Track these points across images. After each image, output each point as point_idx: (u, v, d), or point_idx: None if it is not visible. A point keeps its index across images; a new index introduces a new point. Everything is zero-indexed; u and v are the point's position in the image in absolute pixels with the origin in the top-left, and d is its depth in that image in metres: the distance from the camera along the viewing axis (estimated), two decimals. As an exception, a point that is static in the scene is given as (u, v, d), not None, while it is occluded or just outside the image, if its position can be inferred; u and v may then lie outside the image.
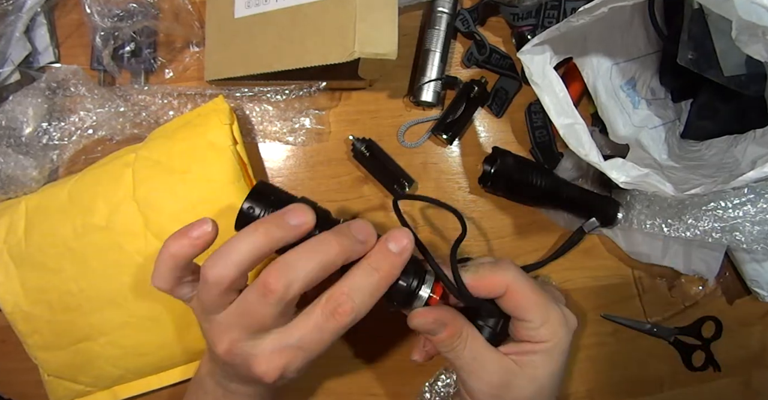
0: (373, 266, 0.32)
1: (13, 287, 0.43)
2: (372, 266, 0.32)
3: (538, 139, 0.53)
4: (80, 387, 0.46)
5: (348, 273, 0.32)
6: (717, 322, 0.54)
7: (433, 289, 0.35)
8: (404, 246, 0.33)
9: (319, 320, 0.31)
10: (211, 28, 0.50)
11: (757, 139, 0.46)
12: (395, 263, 0.32)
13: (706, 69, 0.44)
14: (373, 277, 0.32)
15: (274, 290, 0.30)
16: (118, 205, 0.43)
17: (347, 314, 0.31)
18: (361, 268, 0.32)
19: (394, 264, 0.32)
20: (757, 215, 0.47)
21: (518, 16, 0.51)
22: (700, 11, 0.43)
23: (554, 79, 0.46)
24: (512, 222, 0.53)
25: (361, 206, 0.52)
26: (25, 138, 0.46)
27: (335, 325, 0.31)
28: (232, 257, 0.31)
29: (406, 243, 0.33)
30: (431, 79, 0.51)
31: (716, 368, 0.53)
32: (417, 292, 0.34)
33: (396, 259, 0.32)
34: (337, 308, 0.31)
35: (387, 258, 0.32)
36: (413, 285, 0.34)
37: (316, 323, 0.32)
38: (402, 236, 0.33)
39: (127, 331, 0.44)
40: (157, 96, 0.49)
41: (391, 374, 0.52)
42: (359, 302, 0.31)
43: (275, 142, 0.52)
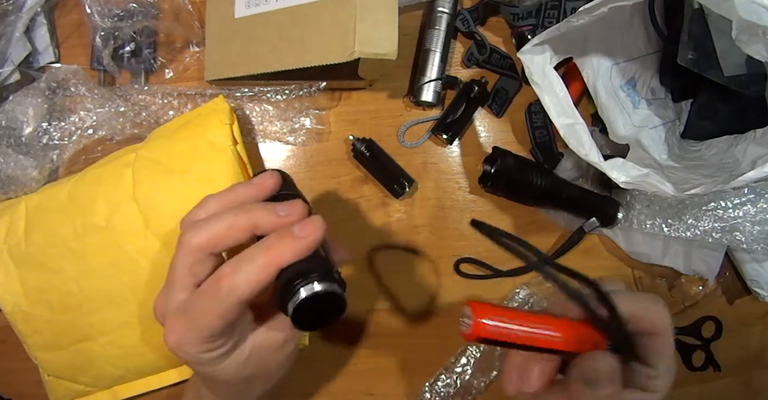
0: (267, 242, 0.30)
1: (13, 287, 0.43)
2: (266, 242, 0.30)
3: (538, 139, 0.53)
4: (80, 387, 0.46)
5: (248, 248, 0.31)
6: (717, 322, 0.54)
7: (315, 287, 0.29)
8: (307, 233, 0.30)
9: (204, 286, 0.30)
10: (211, 28, 0.50)
11: (757, 139, 0.46)
12: (290, 245, 0.29)
13: (706, 69, 0.44)
14: (260, 254, 0.29)
15: (182, 237, 0.31)
16: (118, 205, 0.43)
17: (224, 286, 0.29)
18: (257, 244, 0.30)
19: (288, 247, 0.29)
20: (757, 215, 0.47)
21: (518, 16, 0.51)
22: (700, 11, 0.43)
23: (554, 79, 0.46)
24: (512, 222, 0.53)
25: (361, 206, 0.52)
26: (25, 138, 0.46)
27: (215, 295, 0.29)
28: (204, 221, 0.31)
29: (310, 231, 0.30)
30: (431, 79, 0.51)
31: (716, 368, 0.53)
32: (297, 286, 0.29)
33: (293, 242, 0.29)
34: (219, 277, 0.29)
35: (283, 239, 0.29)
36: (298, 279, 0.29)
37: (201, 289, 0.30)
38: (311, 223, 0.30)
39: (127, 331, 0.44)
40: (157, 96, 0.49)
41: (391, 374, 0.52)
42: (241, 274, 0.29)
43: (275, 142, 0.52)
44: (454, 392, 0.51)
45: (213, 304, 0.29)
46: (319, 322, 0.30)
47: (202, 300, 0.30)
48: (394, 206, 0.52)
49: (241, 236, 0.31)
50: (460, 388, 0.51)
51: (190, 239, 0.31)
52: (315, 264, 0.30)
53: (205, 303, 0.30)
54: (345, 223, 0.52)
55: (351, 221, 0.52)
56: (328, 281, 0.29)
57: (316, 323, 0.30)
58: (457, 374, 0.51)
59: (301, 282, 0.29)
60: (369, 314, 0.52)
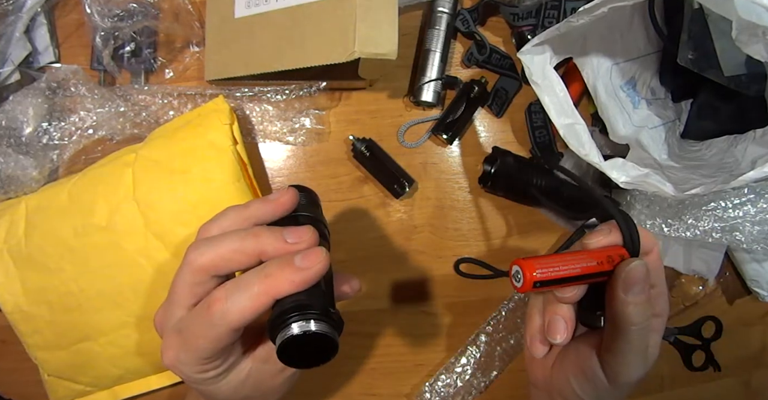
0: (266, 270, 0.29)
1: (13, 287, 0.43)
2: (265, 270, 0.29)
3: (538, 139, 0.53)
4: (80, 387, 0.46)
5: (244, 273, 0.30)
6: (717, 322, 0.54)
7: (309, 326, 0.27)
8: (309, 264, 0.28)
9: (197, 309, 0.30)
10: (211, 28, 0.50)
11: (757, 139, 0.46)
12: (290, 276, 0.28)
13: (706, 69, 0.44)
14: (256, 282, 0.28)
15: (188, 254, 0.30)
16: (118, 205, 0.43)
17: (216, 311, 0.28)
18: (254, 270, 0.29)
19: (287, 277, 0.28)
20: (757, 214, 0.47)
21: (518, 16, 0.51)
22: (700, 11, 0.43)
23: (554, 79, 0.46)
24: (512, 222, 0.53)
25: (361, 206, 0.52)
26: (25, 138, 0.46)
27: (206, 319, 0.28)
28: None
29: (312, 263, 0.28)
30: (431, 79, 0.51)
31: (716, 368, 0.53)
32: (289, 321, 0.27)
33: (293, 273, 0.28)
34: (210, 302, 0.28)
35: (283, 268, 0.28)
36: (293, 313, 0.27)
37: (195, 311, 0.30)
38: (314, 255, 0.29)
39: (127, 331, 0.44)
40: (157, 96, 0.49)
41: (391, 374, 0.52)
42: (234, 302, 0.28)
43: (275, 142, 0.52)
44: (454, 392, 0.51)
45: (205, 328, 0.28)
46: (306, 361, 0.29)
47: (194, 323, 0.29)
48: (394, 206, 0.52)
49: (245, 261, 0.30)
50: (460, 388, 0.51)
51: (195, 258, 0.30)
52: (314, 298, 0.28)
53: (197, 326, 0.29)
54: (345, 223, 0.52)
55: (351, 221, 0.52)
56: (324, 321, 0.28)
57: (302, 361, 0.29)
58: (457, 374, 0.51)
59: (294, 317, 0.27)
60: (369, 314, 0.52)
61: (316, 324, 0.27)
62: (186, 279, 0.30)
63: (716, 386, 0.55)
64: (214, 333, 0.28)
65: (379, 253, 0.52)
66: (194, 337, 0.29)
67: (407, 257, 0.52)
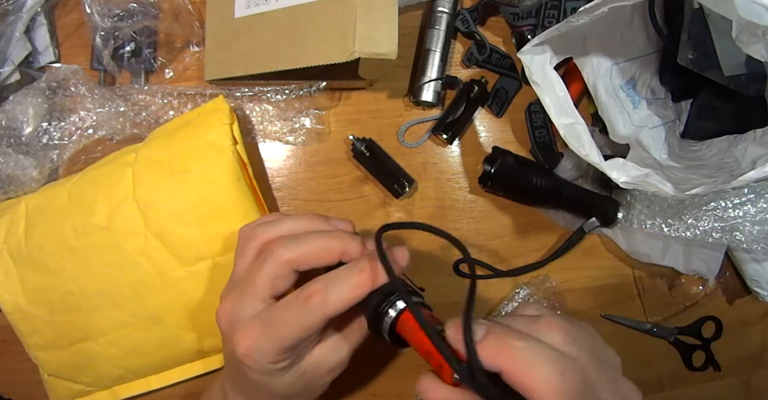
0: (359, 265, 0.32)
1: (13, 287, 0.43)
2: (358, 265, 0.32)
3: (538, 139, 0.53)
4: (80, 387, 0.46)
5: (337, 268, 0.33)
6: (717, 322, 0.54)
7: (400, 313, 0.32)
8: (398, 258, 0.33)
9: (289, 299, 0.32)
10: (211, 28, 0.50)
11: (757, 139, 0.46)
12: (382, 271, 0.32)
13: (706, 69, 0.44)
14: (353, 275, 0.32)
15: (275, 249, 0.33)
16: (118, 205, 0.43)
17: (315, 301, 0.31)
18: (348, 265, 0.33)
19: (380, 271, 0.32)
20: (757, 214, 0.47)
21: (518, 16, 0.51)
22: (700, 11, 0.43)
23: (554, 79, 0.46)
24: (512, 222, 0.53)
25: (361, 206, 0.52)
26: (25, 138, 0.46)
27: (303, 308, 0.31)
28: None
29: (400, 258, 0.33)
30: (431, 79, 0.51)
31: (716, 368, 0.53)
32: (384, 308, 0.32)
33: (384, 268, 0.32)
34: (310, 293, 0.31)
35: (376, 264, 0.32)
36: (383, 303, 0.32)
37: (286, 301, 0.32)
38: (401, 252, 0.34)
39: (127, 331, 0.44)
40: (157, 96, 0.49)
41: (391, 374, 0.52)
42: (332, 293, 0.31)
43: (275, 142, 0.52)
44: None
45: (299, 317, 0.31)
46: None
47: (286, 312, 0.32)
48: (394, 206, 0.52)
49: (328, 259, 0.33)
50: (460, 388, 0.51)
51: (282, 253, 0.33)
52: (399, 283, 0.32)
53: (289, 315, 0.31)
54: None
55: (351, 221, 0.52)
56: (417, 295, 0.34)
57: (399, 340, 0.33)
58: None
59: (387, 304, 0.32)
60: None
61: (416, 298, 0.33)
62: (270, 271, 0.33)
63: (716, 386, 0.55)
64: (308, 321, 0.31)
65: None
66: (284, 326, 0.31)
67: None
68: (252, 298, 0.33)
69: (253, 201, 0.44)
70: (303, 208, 0.51)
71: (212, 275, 0.43)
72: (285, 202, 0.52)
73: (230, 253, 0.43)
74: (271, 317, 0.32)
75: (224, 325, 0.34)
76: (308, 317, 0.31)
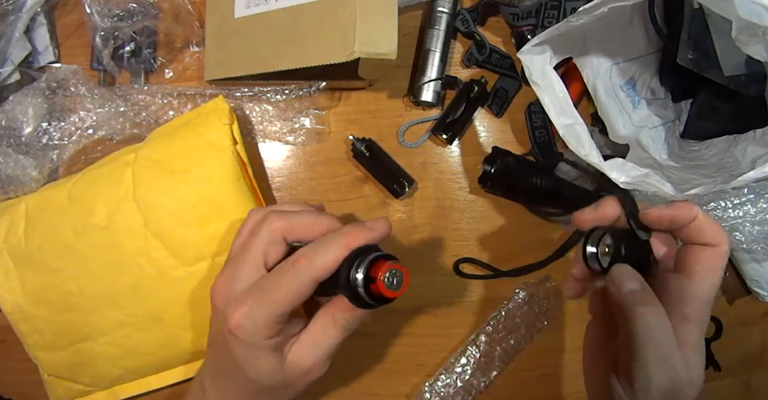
0: (343, 230, 0.34)
1: (13, 287, 0.43)
2: (342, 230, 0.34)
3: (538, 139, 0.53)
4: (80, 387, 0.46)
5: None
6: (717, 322, 0.54)
7: (369, 270, 0.33)
8: (378, 226, 0.35)
9: (280, 266, 0.34)
10: (211, 28, 0.50)
11: (757, 139, 0.46)
12: (362, 232, 0.34)
13: (706, 69, 0.44)
14: (337, 237, 0.33)
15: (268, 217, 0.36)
16: (118, 205, 0.43)
17: (302, 264, 0.32)
18: (334, 232, 0.35)
19: (360, 233, 0.34)
20: (757, 215, 0.47)
21: (518, 16, 0.51)
22: (700, 11, 0.43)
23: (554, 79, 0.46)
24: (512, 222, 0.53)
25: (361, 206, 0.52)
26: (25, 138, 0.46)
27: (291, 272, 0.32)
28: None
29: (381, 225, 0.35)
30: (431, 79, 0.51)
31: (716, 368, 0.53)
32: (355, 271, 0.33)
33: (365, 230, 0.34)
34: (298, 257, 0.33)
35: (357, 228, 0.34)
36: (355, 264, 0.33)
37: (277, 268, 0.34)
38: (382, 220, 0.35)
39: (127, 331, 0.44)
40: (157, 96, 0.49)
41: (391, 374, 0.52)
42: (318, 255, 0.32)
43: (275, 142, 0.52)
44: (454, 392, 0.51)
45: (289, 280, 0.32)
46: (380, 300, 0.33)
47: (278, 276, 0.33)
48: (394, 206, 0.52)
49: (318, 232, 0.35)
50: (460, 388, 0.51)
51: (274, 220, 0.35)
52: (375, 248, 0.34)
53: (280, 279, 0.33)
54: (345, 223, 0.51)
55: (351, 221, 0.52)
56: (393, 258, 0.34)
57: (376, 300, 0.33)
58: (457, 374, 0.51)
59: (363, 260, 0.33)
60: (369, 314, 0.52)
61: (362, 270, 0.33)
62: (263, 238, 0.35)
63: (716, 386, 0.55)
64: (298, 284, 0.32)
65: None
66: (276, 290, 0.33)
67: (407, 257, 0.52)
68: (246, 266, 0.34)
69: (253, 201, 0.44)
70: (303, 208, 0.51)
71: (212, 275, 0.43)
72: (285, 202, 0.52)
73: (230, 253, 0.43)
74: (263, 284, 0.33)
75: (218, 299, 0.35)
76: (297, 280, 0.32)
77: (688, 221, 0.33)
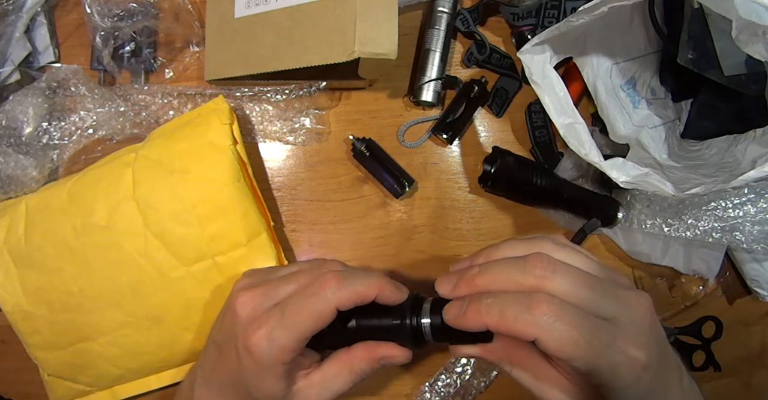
0: (371, 272, 0.35)
1: (13, 286, 0.43)
2: (370, 272, 0.35)
3: (538, 139, 0.53)
4: (80, 387, 0.46)
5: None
6: (717, 322, 0.54)
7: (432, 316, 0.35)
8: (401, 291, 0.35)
9: (304, 287, 0.33)
10: (211, 28, 0.50)
11: (757, 138, 0.46)
12: (391, 287, 0.34)
13: (706, 69, 0.44)
14: (371, 276, 0.34)
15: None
16: (118, 204, 0.43)
17: (329, 288, 0.32)
18: (366, 271, 0.35)
19: (392, 285, 0.34)
20: (757, 214, 0.47)
21: (518, 15, 0.51)
22: (700, 11, 0.43)
23: (554, 79, 0.46)
24: (512, 222, 0.53)
25: (361, 206, 0.52)
26: (25, 138, 0.46)
27: (317, 295, 0.32)
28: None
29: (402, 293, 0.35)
30: (431, 79, 0.51)
31: (716, 368, 0.53)
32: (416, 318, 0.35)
33: (396, 288, 0.35)
34: (324, 280, 0.33)
35: (389, 281, 0.35)
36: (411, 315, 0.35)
37: (301, 289, 0.34)
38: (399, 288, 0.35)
39: (127, 331, 0.44)
40: (157, 96, 0.49)
41: (391, 374, 0.52)
42: (347, 283, 0.32)
43: (275, 142, 0.52)
44: (454, 392, 0.51)
45: (312, 303, 0.32)
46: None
47: (300, 298, 0.33)
48: (394, 206, 0.52)
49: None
50: (460, 388, 0.51)
51: (335, 291, 0.33)
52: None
53: (303, 301, 0.33)
54: (345, 223, 0.52)
55: (351, 221, 0.52)
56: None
57: None
58: (457, 374, 0.51)
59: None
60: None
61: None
62: (318, 302, 0.33)
63: (716, 386, 0.55)
64: (320, 308, 0.32)
65: (379, 253, 0.52)
66: (298, 311, 0.32)
67: (407, 257, 0.52)
68: (285, 296, 0.34)
69: (253, 201, 0.44)
70: (303, 208, 0.51)
71: (212, 275, 0.43)
72: (285, 202, 0.52)
73: (230, 253, 0.43)
74: (286, 306, 0.33)
75: (243, 308, 0.34)
76: (319, 304, 0.32)
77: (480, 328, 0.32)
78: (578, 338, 0.28)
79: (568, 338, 0.28)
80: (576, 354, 0.28)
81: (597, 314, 0.30)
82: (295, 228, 0.51)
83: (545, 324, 0.28)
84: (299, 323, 0.32)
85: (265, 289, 0.35)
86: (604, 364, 0.29)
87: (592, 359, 0.28)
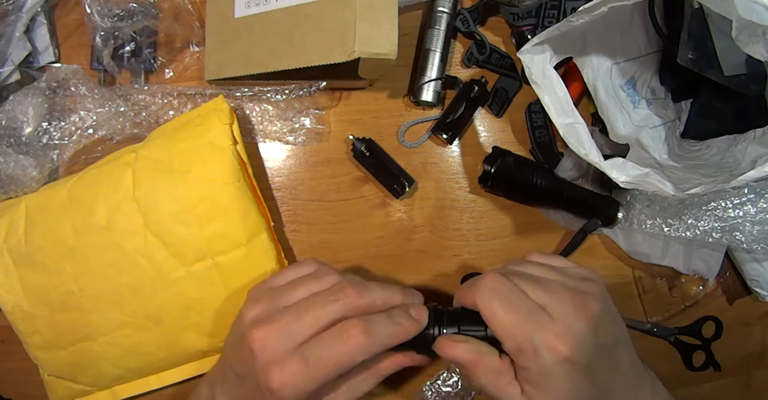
0: (396, 318, 0.35)
1: (13, 286, 0.43)
2: (396, 316, 0.35)
3: (538, 139, 0.53)
4: (80, 387, 0.46)
5: (372, 315, 0.35)
6: (717, 322, 0.54)
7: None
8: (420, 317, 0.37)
9: (330, 337, 0.33)
10: (211, 28, 0.50)
11: (757, 138, 0.46)
12: (412, 323, 0.36)
13: (706, 69, 0.44)
14: (396, 324, 0.35)
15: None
16: (118, 204, 0.43)
17: (357, 342, 0.32)
18: (387, 315, 0.35)
19: (412, 325, 0.36)
20: (757, 214, 0.47)
21: (518, 15, 0.51)
22: (700, 11, 0.43)
23: (554, 79, 0.46)
24: (512, 222, 0.53)
25: (361, 206, 0.52)
26: (25, 138, 0.46)
27: (344, 349, 0.32)
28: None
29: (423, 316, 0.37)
30: (431, 79, 0.51)
31: (716, 368, 0.53)
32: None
33: (414, 323, 0.36)
34: (352, 333, 0.33)
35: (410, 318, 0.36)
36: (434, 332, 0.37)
37: (327, 339, 0.33)
38: (422, 309, 0.37)
39: (127, 331, 0.44)
40: (157, 96, 0.49)
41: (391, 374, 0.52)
42: (375, 337, 0.33)
43: (275, 142, 0.52)
44: (454, 393, 0.51)
45: (339, 356, 0.32)
46: None
47: (326, 350, 0.33)
48: (394, 206, 0.52)
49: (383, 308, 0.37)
50: (460, 388, 0.51)
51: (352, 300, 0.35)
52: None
53: (328, 354, 0.33)
54: (345, 223, 0.52)
55: (351, 221, 0.52)
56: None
57: None
58: (458, 374, 0.51)
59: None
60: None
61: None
62: (332, 312, 0.34)
63: (716, 386, 0.55)
64: (347, 361, 0.33)
65: (379, 253, 0.52)
66: (323, 363, 0.32)
67: (407, 257, 0.52)
68: (305, 329, 0.34)
69: (252, 201, 0.44)
70: (303, 208, 0.51)
71: (212, 275, 0.43)
72: (285, 202, 0.52)
73: (230, 253, 0.43)
74: (310, 354, 0.33)
75: (265, 348, 0.33)
76: (347, 358, 0.33)
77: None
78: (507, 308, 0.33)
79: (497, 307, 0.33)
80: (503, 321, 0.33)
81: (536, 301, 0.34)
82: (295, 228, 0.51)
83: (484, 292, 0.34)
84: (324, 373, 0.32)
85: (280, 325, 0.34)
86: (526, 340, 0.32)
87: (515, 330, 0.33)
